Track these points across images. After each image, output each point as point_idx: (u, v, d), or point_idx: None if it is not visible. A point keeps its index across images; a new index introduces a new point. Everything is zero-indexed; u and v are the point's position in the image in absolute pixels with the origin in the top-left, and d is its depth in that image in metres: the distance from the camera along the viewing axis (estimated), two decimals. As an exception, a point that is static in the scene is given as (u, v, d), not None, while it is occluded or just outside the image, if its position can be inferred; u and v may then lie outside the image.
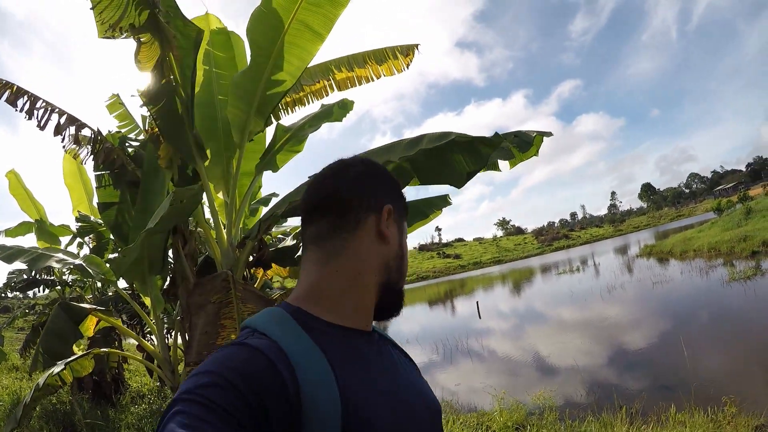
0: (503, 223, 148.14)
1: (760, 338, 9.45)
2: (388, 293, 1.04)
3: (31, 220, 8.66)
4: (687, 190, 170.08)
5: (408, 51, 5.82)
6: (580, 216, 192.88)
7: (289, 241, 5.72)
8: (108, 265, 6.07)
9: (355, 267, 0.99)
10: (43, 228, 8.44)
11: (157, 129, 4.44)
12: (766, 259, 19.22)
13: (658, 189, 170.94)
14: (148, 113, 4.35)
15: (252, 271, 5.73)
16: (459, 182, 3.81)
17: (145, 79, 4.05)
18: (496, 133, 3.58)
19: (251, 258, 5.05)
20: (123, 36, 3.64)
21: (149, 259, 4.56)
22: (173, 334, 5.86)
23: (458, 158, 3.73)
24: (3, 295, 10.02)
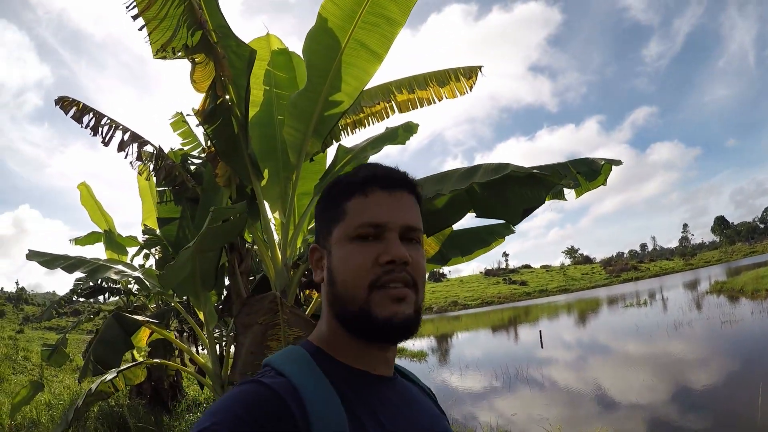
0: (571, 252, 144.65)
1: None
2: (349, 326, 0.92)
3: (101, 231, 9.00)
4: (762, 225, 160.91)
5: (471, 73, 5.72)
6: (650, 247, 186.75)
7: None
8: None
9: (325, 316, 0.97)
10: (111, 238, 8.75)
11: (213, 148, 4.50)
12: None
13: (732, 223, 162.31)
14: (204, 133, 4.42)
15: (306, 292, 5.73)
16: (514, 218, 3.68)
17: (201, 99, 4.12)
18: (566, 164, 3.43)
19: (303, 279, 5.05)
20: (176, 56, 3.70)
21: (201, 276, 4.61)
22: (226, 349, 5.91)
23: (514, 193, 3.60)
24: (70, 300, 10.41)
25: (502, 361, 16.76)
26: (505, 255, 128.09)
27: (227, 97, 4.23)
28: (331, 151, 5.98)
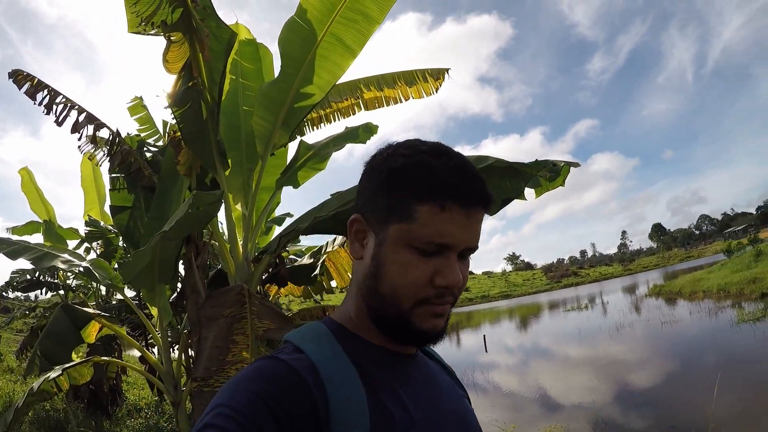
0: (513, 258, 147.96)
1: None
2: (377, 320, 0.89)
3: (40, 221, 8.52)
4: (697, 232, 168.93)
5: (438, 75, 5.72)
6: (590, 254, 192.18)
7: (306, 260, 5.54)
8: (116, 269, 5.89)
9: (354, 293, 0.93)
10: (51, 229, 8.28)
11: (179, 133, 4.30)
12: None
13: (669, 230, 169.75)
14: (172, 116, 4.22)
15: (265, 287, 5.56)
16: (492, 209, 3.65)
17: (172, 81, 3.93)
18: (536, 160, 3.44)
19: (266, 274, 4.88)
20: (153, 32, 3.52)
21: (159, 267, 4.38)
22: (177, 347, 5.65)
23: (494, 184, 3.57)
24: (3, 293, 9.81)
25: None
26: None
27: (199, 80, 4.06)
28: (291, 146, 5.88)
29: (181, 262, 5.00)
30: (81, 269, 5.35)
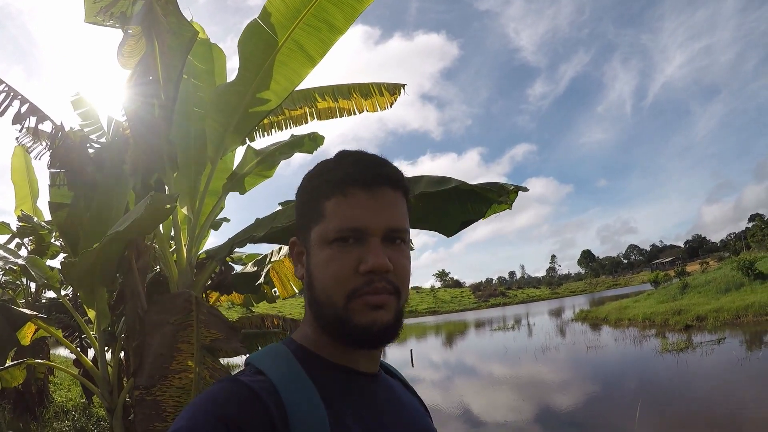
0: (442, 275, 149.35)
1: (689, 407, 9.67)
2: (326, 329, 0.88)
3: (-34, 214, 8.12)
4: (625, 261, 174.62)
5: (395, 90, 5.78)
6: (518, 275, 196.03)
7: (250, 268, 5.44)
8: (53, 268, 5.64)
9: (307, 312, 0.94)
10: (-23, 224, 7.90)
11: (128, 131, 4.16)
12: (698, 333, 19.75)
13: (598, 257, 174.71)
14: (122, 113, 4.07)
15: (205, 294, 5.43)
16: (450, 231, 3.68)
17: (125, 76, 3.81)
18: (498, 184, 3.48)
19: (209, 281, 4.77)
20: (110, 24, 3.41)
21: (101, 269, 4.20)
22: (114, 352, 5.43)
23: (457, 207, 3.60)
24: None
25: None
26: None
27: (150, 78, 3.94)
28: (238, 152, 5.79)
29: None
30: (16, 266, 5.10)
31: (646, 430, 8.38)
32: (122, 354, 5.18)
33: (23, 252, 7.99)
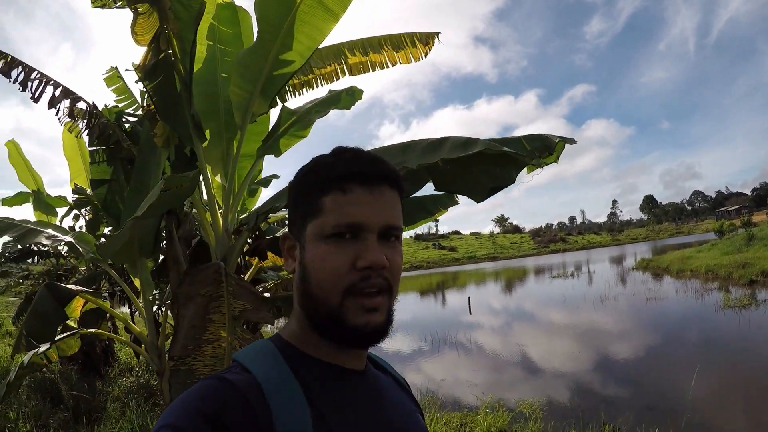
0: (501, 220, 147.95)
1: (748, 371, 9.20)
2: (317, 326, 0.89)
3: (29, 191, 8.50)
4: (689, 207, 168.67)
5: (428, 39, 5.55)
6: (579, 221, 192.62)
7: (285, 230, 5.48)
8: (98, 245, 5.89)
9: (296, 307, 0.94)
10: (40, 198, 8.28)
11: (153, 106, 4.20)
12: (763, 289, 18.69)
13: (660, 203, 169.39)
14: (144, 89, 4.11)
15: (247, 259, 5.52)
16: (480, 196, 3.56)
17: (143, 53, 3.81)
18: (519, 139, 3.33)
19: (246, 247, 4.84)
20: (118, 5, 3.39)
21: (139, 243, 4.35)
22: (163, 317, 5.66)
23: (484, 171, 3.47)
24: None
25: (431, 326, 17.15)
26: (436, 221, 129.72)
27: (170, 51, 3.93)
28: (274, 113, 5.76)
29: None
30: (65, 244, 5.35)
31: (702, 392, 8.06)
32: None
33: (81, 222, 8.38)
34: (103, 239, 4.59)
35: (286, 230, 0.96)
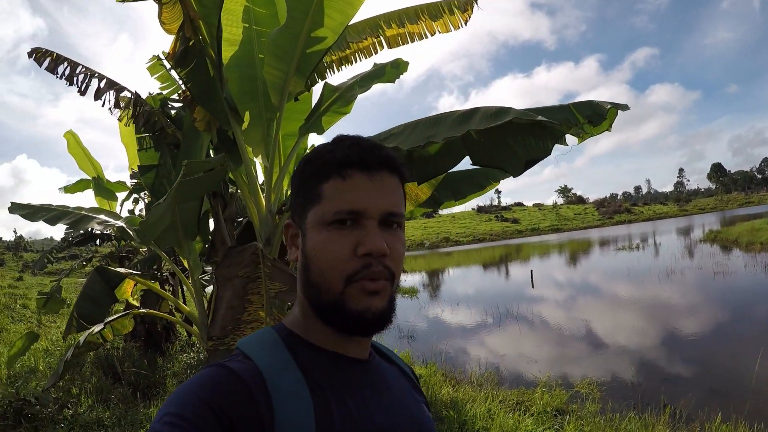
0: (564, 191, 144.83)
1: None
2: (320, 314, 0.88)
3: (89, 178, 8.83)
4: (759, 176, 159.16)
5: (466, 5, 5.39)
6: (644, 190, 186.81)
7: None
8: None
9: (299, 296, 0.93)
10: (100, 184, 8.60)
11: (189, 92, 4.27)
12: None
13: (729, 171, 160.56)
14: (179, 77, 4.18)
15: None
16: (515, 170, 3.45)
17: (171, 41, 3.87)
18: (568, 107, 3.19)
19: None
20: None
21: (183, 226, 4.45)
22: (214, 296, 5.84)
23: (516, 143, 3.36)
24: (64, 247, 10.34)
25: (493, 299, 16.88)
26: (498, 192, 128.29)
27: (200, 37, 3.98)
28: (317, 90, 5.76)
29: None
30: (116, 228, 5.58)
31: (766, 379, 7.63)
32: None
33: (141, 205, 8.67)
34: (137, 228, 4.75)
35: (289, 220, 0.95)
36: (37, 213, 5.47)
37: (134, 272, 5.22)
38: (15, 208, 5.65)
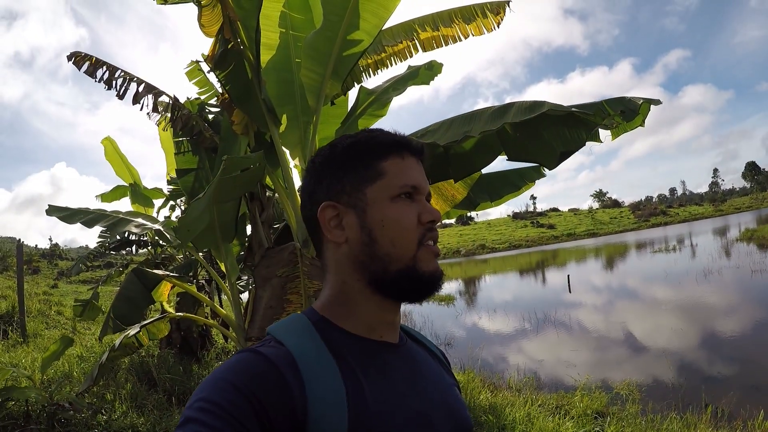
0: (599, 195, 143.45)
1: None
2: (388, 286, 0.92)
3: (126, 185, 8.93)
4: None
5: (498, 8, 5.37)
6: (679, 192, 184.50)
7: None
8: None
9: (338, 279, 0.95)
10: (137, 191, 8.68)
11: (227, 95, 4.31)
12: None
13: (764, 169, 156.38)
14: (217, 79, 4.22)
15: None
16: (551, 163, 3.45)
17: (210, 44, 3.91)
18: (600, 103, 3.17)
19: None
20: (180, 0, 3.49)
21: (221, 228, 4.49)
22: (250, 300, 5.85)
23: (551, 135, 3.35)
24: (100, 254, 10.47)
25: (530, 305, 16.72)
26: (533, 198, 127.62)
27: (238, 40, 4.02)
28: (352, 94, 5.78)
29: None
30: (154, 231, 5.63)
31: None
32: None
33: (177, 212, 8.76)
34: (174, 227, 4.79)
35: (326, 202, 0.94)
36: (74, 216, 5.55)
37: (171, 274, 5.26)
38: (52, 211, 5.73)
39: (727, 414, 6.09)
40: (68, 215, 5.56)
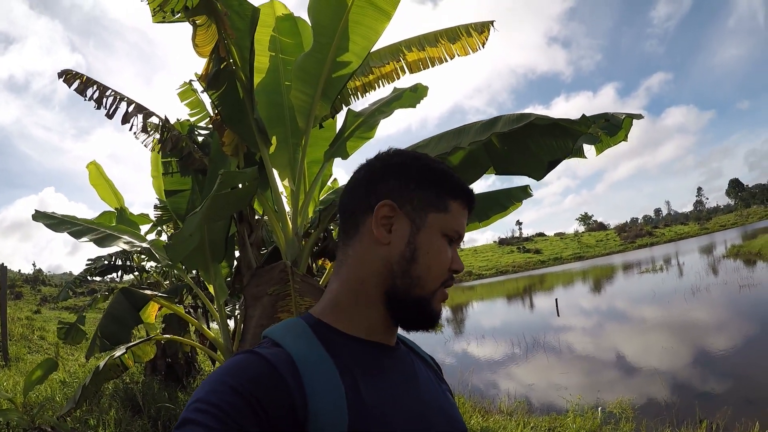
0: (585, 218, 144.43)
1: None
2: (397, 304, 0.94)
3: (112, 209, 8.83)
4: None
5: (483, 28, 5.47)
6: (664, 212, 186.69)
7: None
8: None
9: (357, 275, 0.96)
10: (123, 216, 8.52)
11: (219, 115, 4.33)
12: None
13: (747, 185, 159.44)
14: (210, 99, 4.25)
15: (320, 262, 5.58)
16: (538, 173, 3.50)
17: (204, 64, 3.95)
18: (584, 115, 3.24)
19: (316, 248, 4.89)
20: (176, 19, 3.52)
21: (210, 247, 4.48)
22: (238, 323, 5.81)
23: (538, 144, 3.41)
24: (85, 279, 10.35)
25: (519, 330, 16.72)
26: (519, 224, 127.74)
27: (231, 60, 4.05)
28: (339, 118, 5.81)
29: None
30: (141, 249, 5.57)
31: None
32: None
33: (163, 237, 8.69)
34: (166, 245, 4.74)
35: (389, 201, 0.95)
36: (61, 224, 5.49)
37: (159, 294, 5.20)
38: (39, 217, 5.65)
39: (722, 428, 6.13)
40: (55, 223, 5.50)
